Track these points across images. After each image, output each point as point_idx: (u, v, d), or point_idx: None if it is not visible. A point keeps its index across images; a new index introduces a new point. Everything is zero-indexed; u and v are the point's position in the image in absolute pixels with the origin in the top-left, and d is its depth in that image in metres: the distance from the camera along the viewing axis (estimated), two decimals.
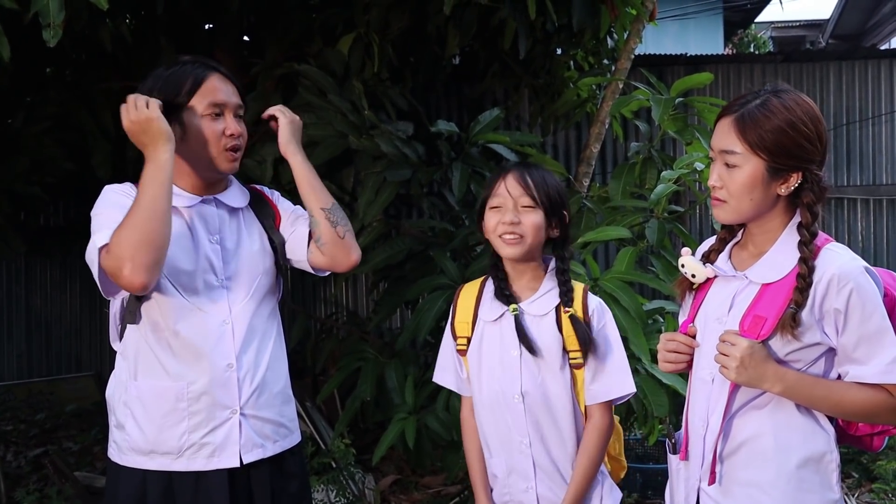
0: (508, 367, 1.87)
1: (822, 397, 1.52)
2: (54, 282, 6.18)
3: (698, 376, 1.67)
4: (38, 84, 4.20)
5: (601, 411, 1.86)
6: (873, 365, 1.48)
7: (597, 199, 3.64)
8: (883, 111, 6.09)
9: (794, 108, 1.53)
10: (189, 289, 1.81)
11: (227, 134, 1.84)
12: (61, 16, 2.24)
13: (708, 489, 1.62)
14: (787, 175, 1.54)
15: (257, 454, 1.86)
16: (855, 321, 1.48)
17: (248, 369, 1.85)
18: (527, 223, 1.84)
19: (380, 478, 4.07)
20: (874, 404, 1.50)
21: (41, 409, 5.44)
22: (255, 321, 1.88)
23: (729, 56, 6.71)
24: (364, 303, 6.04)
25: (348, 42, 3.81)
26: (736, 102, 1.58)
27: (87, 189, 3.02)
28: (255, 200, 2.00)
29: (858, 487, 3.93)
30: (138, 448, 1.82)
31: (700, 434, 1.64)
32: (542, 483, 1.86)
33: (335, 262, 1.94)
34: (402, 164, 3.59)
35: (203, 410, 1.80)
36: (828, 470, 1.55)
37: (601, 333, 1.87)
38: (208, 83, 1.83)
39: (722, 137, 1.57)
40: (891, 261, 6.07)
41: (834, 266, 1.50)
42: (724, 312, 1.62)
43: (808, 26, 15.36)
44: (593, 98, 4.87)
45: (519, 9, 3.71)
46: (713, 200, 1.61)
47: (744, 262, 1.64)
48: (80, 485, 3.93)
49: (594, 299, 1.92)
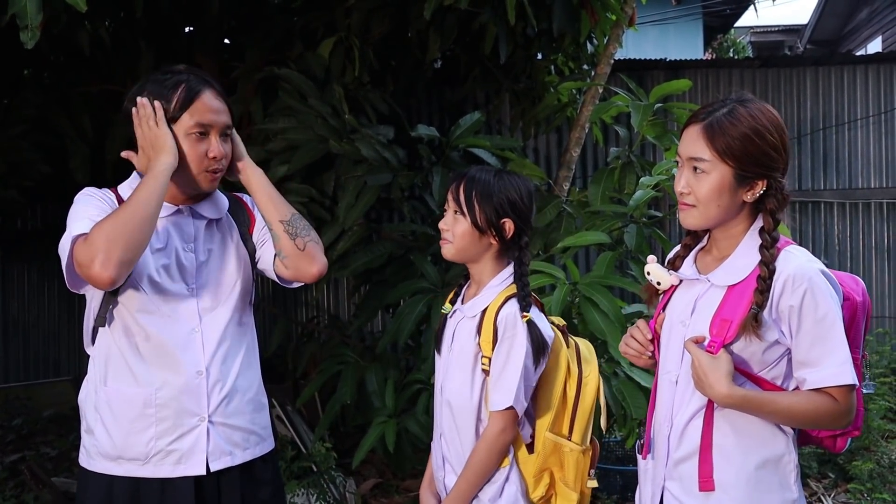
0: (442, 364, 1.97)
1: (769, 413, 1.55)
2: (32, 286, 6.12)
3: (665, 377, 1.71)
4: (16, 86, 4.16)
5: (494, 419, 1.83)
6: (826, 366, 1.52)
7: (577, 203, 3.66)
8: (859, 116, 6.18)
9: (760, 116, 1.57)
10: (160, 296, 1.82)
11: (209, 156, 1.82)
12: (39, 18, 2.23)
13: (671, 487, 1.65)
14: (752, 182, 1.57)
15: (225, 462, 1.85)
16: (809, 321, 1.52)
17: (217, 377, 1.85)
18: (455, 230, 1.90)
19: (361, 481, 4.07)
20: (818, 411, 1.53)
21: (18, 415, 5.38)
22: (226, 329, 1.88)
23: (707, 61, 6.78)
24: (345, 306, 6.04)
25: (329, 46, 3.81)
26: (703, 111, 1.61)
27: (65, 193, 2.99)
28: (234, 208, 2.00)
29: (834, 488, 3.98)
30: (106, 453, 1.82)
31: (664, 434, 1.67)
32: (449, 475, 1.93)
33: (299, 273, 1.92)
34: (383, 168, 3.60)
35: (170, 417, 1.80)
36: (786, 471, 1.59)
37: (503, 346, 1.83)
38: (199, 101, 1.80)
39: (690, 144, 1.60)
40: (866, 264, 6.16)
41: (791, 266, 1.54)
42: (687, 315, 1.66)
43: (786, 31, 15.52)
44: (573, 103, 4.90)
45: (499, 14, 3.74)
46: (681, 206, 1.64)
47: (707, 266, 1.69)
48: (58, 490, 3.90)
49: (511, 306, 1.85)
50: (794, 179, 6.18)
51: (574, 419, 1.89)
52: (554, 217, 3.52)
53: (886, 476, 3.86)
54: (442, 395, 1.95)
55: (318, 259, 1.92)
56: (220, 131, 1.84)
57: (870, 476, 3.78)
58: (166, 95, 1.79)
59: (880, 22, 11.16)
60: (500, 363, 1.83)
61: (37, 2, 2.21)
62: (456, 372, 1.91)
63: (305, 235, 1.90)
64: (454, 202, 1.90)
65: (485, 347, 1.86)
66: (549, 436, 1.87)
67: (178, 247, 1.86)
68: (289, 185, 3.69)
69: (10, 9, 2.21)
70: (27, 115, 3.95)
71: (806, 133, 6.18)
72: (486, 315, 1.87)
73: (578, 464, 1.88)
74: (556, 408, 1.88)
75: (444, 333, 1.99)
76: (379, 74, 4.28)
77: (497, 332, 1.84)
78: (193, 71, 1.86)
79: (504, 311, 1.85)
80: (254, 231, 2.00)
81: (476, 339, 1.87)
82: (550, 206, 3.54)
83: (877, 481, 3.78)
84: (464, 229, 1.88)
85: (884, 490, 3.74)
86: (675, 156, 1.69)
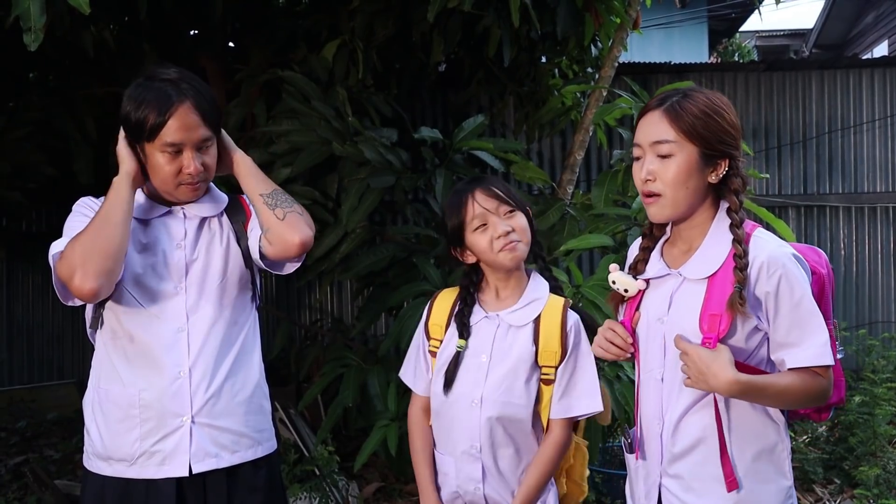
0: (474, 371, 1.88)
1: (771, 395, 1.55)
2: (36, 289, 6.13)
3: (648, 375, 1.70)
4: (20, 89, 4.18)
5: (562, 427, 1.87)
6: (806, 347, 1.53)
7: (580, 206, 3.65)
8: (864, 120, 6.16)
9: (714, 98, 1.60)
10: (146, 296, 1.82)
11: (184, 172, 1.81)
12: (42, 20, 2.23)
13: (668, 484, 1.65)
14: (717, 162, 1.59)
15: (210, 464, 1.83)
16: (786, 306, 1.53)
17: (202, 377, 1.83)
18: (517, 227, 1.87)
19: (363, 485, 4.06)
20: (807, 387, 1.54)
21: (22, 417, 5.38)
22: (215, 328, 1.86)
23: (712, 64, 6.77)
24: (349, 309, 6.03)
25: (333, 49, 3.81)
26: (655, 100, 1.62)
27: (69, 195, 2.99)
28: (232, 206, 1.99)
29: (840, 493, 3.95)
30: (98, 454, 1.84)
31: (656, 432, 1.67)
32: (489, 485, 1.88)
33: (283, 247, 1.83)
34: (386, 170, 3.59)
35: (154, 418, 1.80)
36: (780, 458, 1.62)
37: (575, 351, 1.88)
38: (170, 124, 1.76)
39: (651, 129, 1.60)
40: (872, 268, 6.13)
41: (763, 253, 1.55)
42: (664, 311, 1.65)
43: (792, 35, 15.52)
44: (577, 106, 4.90)
45: (503, 17, 3.73)
46: (646, 198, 1.63)
47: (676, 259, 1.68)
48: (61, 493, 3.90)
49: (573, 316, 1.91)
50: (799, 183, 6.16)
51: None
52: (557, 220, 3.52)
53: (892, 482, 3.83)
54: (481, 408, 1.85)
55: (300, 228, 1.83)
56: (195, 146, 1.80)
57: (876, 482, 3.75)
58: (141, 108, 1.77)
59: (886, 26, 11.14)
60: (570, 370, 1.86)
61: (40, 4, 2.22)
62: (504, 381, 1.86)
63: (286, 207, 1.86)
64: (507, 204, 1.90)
65: (545, 357, 1.86)
66: (575, 437, 1.93)
67: (165, 246, 1.86)
68: (292, 188, 3.68)
69: (14, 11, 2.22)
70: (32, 117, 3.96)
71: (812, 137, 6.16)
72: (542, 324, 1.87)
73: (585, 458, 1.95)
74: None
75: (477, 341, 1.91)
76: (382, 77, 4.29)
77: (565, 341, 1.86)
78: (173, 79, 1.80)
79: (571, 319, 1.89)
80: (248, 225, 1.97)
81: (533, 348, 1.86)
82: (554, 209, 3.54)
83: (883, 487, 3.75)
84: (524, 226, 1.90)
85: (890, 496, 3.71)
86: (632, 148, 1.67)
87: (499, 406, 1.85)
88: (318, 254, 3.64)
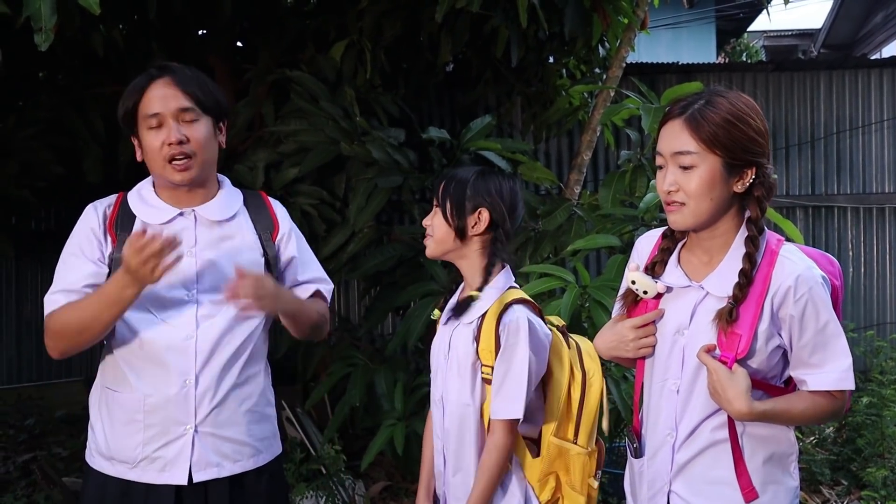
0: (440, 373, 1.92)
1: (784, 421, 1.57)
2: (45, 287, 6.04)
3: (662, 385, 1.66)
4: (30, 88, 4.20)
5: (500, 428, 1.79)
6: (829, 371, 1.53)
7: (587, 206, 3.65)
8: (873, 120, 6.13)
9: (738, 102, 1.54)
10: (157, 303, 1.81)
11: (166, 143, 1.78)
12: (53, 20, 2.24)
13: (678, 490, 1.64)
14: (742, 171, 1.54)
15: (211, 473, 1.82)
16: (811, 330, 1.52)
17: (207, 386, 1.81)
18: (433, 224, 1.89)
19: (370, 484, 4.06)
20: (823, 410, 1.56)
21: (30, 414, 5.41)
22: (225, 337, 1.84)
23: (720, 65, 6.75)
24: (356, 309, 6.03)
25: (341, 49, 3.82)
26: (677, 106, 1.57)
27: (78, 193, 3.01)
28: (254, 207, 1.97)
29: (847, 495, 3.94)
30: (101, 452, 1.85)
31: (668, 442, 1.64)
32: (456, 482, 1.87)
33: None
34: (394, 170, 3.60)
35: (158, 424, 1.79)
36: (788, 461, 1.62)
37: (505, 353, 1.78)
38: (146, 97, 1.79)
39: (672, 140, 1.56)
40: (880, 269, 6.11)
41: (791, 277, 1.52)
42: (685, 324, 1.61)
43: (800, 36, 15.43)
44: (585, 106, 4.89)
45: (511, 17, 3.74)
46: (669, 206, 1.59)
47: (696, 270, 1.64)
48: (69, 490, 3.91)
49: (515, 312, 1.80)
50: (807, 184, 6.14)
51: (580, 422, 1.86)
52: (564, 220, 3.51)
53: None
54: (443, 405, 1.89)
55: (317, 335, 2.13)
56: (174, 116, 1.79)
57: (883, 483, 3.74)
58: (127, 94, 1.81)
59: None
60: (502, 371, 1.78)
61: (51, 4, 2.23)
62: (456, 381, 1.85)
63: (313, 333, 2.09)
64: (435, 199, 1.88)
65: (484, 356, 1.81)
66: (554, 440, 1.84)
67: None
68: (300, 188, 3.70)
69: (25, 11, 2.23)
70: (41, 116, 3.98)
71: (820, 137, 6.14)
72: (485, 321, 1.82)
73: (585, 466, 1.86)
74: (562, 413, 1.85)
75: (440, 341, 1.93)
76: (390, 77, 4.29)
77: (499, 340, 1.79)
78: (158, 64, 1.85)
79: (507, 317, 1.79)
80: (276, 237, 1.96)
81: (474, 346, 1.82)
82: (561, 210, 3.53)
83: (891, 488, 3.74)
84: (439, 223, 1.86)
85: None
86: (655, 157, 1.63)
87: (452, 405, 1.87)
88: (325, 253, 3.65)
